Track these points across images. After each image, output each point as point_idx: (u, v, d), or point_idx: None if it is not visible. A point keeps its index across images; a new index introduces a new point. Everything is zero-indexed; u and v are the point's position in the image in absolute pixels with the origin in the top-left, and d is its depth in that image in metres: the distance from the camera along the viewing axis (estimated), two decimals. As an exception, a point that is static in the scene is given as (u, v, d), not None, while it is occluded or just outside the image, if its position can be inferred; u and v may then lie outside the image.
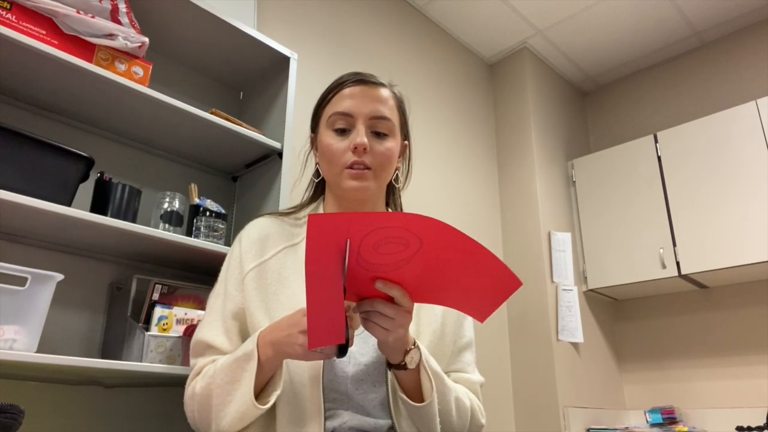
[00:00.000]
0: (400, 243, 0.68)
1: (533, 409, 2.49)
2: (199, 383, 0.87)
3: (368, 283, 0.74)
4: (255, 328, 0.89)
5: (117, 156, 1.50)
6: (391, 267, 0.72)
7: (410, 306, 0.76)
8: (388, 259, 0.70)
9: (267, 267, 0.94)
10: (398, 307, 0.75)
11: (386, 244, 0.68)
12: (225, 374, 0.82)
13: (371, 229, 0.66)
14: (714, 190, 2.47)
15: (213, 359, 0.89)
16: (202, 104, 1.68)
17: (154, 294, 1.29)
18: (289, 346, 0.77)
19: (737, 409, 2.49)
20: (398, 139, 0.99)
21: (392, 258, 0.70)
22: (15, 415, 0.50)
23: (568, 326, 2.59)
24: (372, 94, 0.97)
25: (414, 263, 0.71)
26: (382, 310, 0.74)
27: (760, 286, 2.58)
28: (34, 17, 1.18)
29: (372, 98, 0.96)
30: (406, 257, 0.70)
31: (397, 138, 0.99)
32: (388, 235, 0.67)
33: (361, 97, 0.96)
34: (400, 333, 0.77)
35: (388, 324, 0.75)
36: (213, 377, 0.84)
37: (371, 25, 2.52)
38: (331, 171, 0.96)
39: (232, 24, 1.55)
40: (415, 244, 0.69)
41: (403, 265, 0.71)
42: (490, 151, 3.01)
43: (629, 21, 2.87)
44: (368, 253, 0.69)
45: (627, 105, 3.28)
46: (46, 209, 1.09)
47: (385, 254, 0.70)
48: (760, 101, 2.44)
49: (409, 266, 0.72)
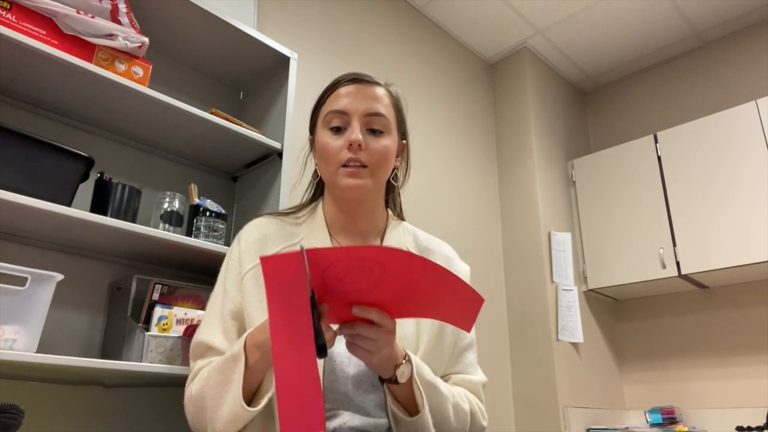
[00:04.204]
0: (361, 272, 0.67)
1: (533, 409, 2.49)
2: (195, 385, 0.87)
3: (346, 308, 0.73)
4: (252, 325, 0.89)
5: (117, 156, 1.50)
6: (363, 292, 0.71)
7: (391, 325, 0.75)
8: (356, 285, 0.69)
9: None
10: (379, 328, 0.74)
11: (348, 274, 0.67)
12: (217, 376, 0.82)
13: (325, 265, 0.65)
14: (714, 190, 2.47)
15: (210, 360, 0.89)
16: (202, 104, 1.68)
17: (154, 294, 1.29)
18: None
19: (737, 409, 2.49)
20: (395, 137, 0.99)
21: (360, 284, 0.69)
22: (15, 415, 0.50)
23: (568, 326, 2.59)
24: (367, 92, 0.97)
25: (384, 286, 0.70)
26: (363, 332, 0.74)
27: (760, 286, 2.58)
28: (34, 17, 1.18)
29: (367, 96, 0.96)
30: (373, 282, 0.69)
31: (394, 136, 0.99)
32: (347, 266, 0.66)
33: (356, 95, 0.96)
34: (384, 353, 0.77)
35: (370, 346, 0.75)
36: (207, 379, 0.84)
37: (371, 25, 2.52)
38: (327, 170, 0.96)
39: (232, 24, 1.55)
40: (378, 271, 0.68)
41: (374, 289, 0.71)
42: (490, 151, 3.01)
43: (629, 21, 2.87)
44: (334, 284, 0.68)
45: (627, 105, 3.28)
46: (46, 209, 1.09)
47: (351, 282, 0.69)
48: (760, 101, 2.44)
49: (380, 289, 0.71)
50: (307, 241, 0.97)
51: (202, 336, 0.92)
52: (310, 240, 0.97)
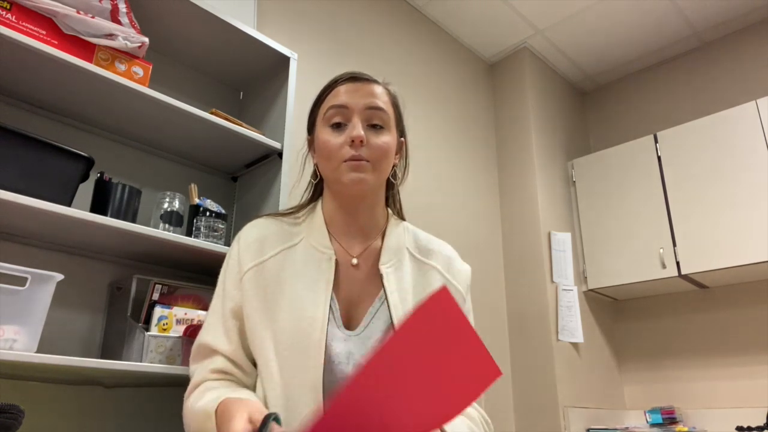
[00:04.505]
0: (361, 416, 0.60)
1: (533, 409, 2.49)
2: (188, 405, 0.87)
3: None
4: (252, 330, 0.89)
5: (117, 156, 1.50)
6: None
7: None
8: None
9: (265, 268, 0.93)
10: None
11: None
12: (196, 422, 0.82)
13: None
14: (714, 190, 2.47)
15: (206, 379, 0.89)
16: (202, 104, 1.68)
17: (154, 294, 1.29)
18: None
19: (737, 409, 2.49)
20: (394, 134, 0.99)
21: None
22: (15, 415, 0.50)
23: (568, 326, 2.59)
24: (366, 89, 0.97)
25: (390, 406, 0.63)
26: None
27: (760, 286, 2.58)
28: (34, 17, 1.18)
29: (366, 92, 0.96)
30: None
31: (393, 132, 0.99)
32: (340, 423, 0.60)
33: (356, 92, 0.96)
34: None
35: None
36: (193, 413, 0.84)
37: (371, 25, 2.52)
38: (329, 167, 0.95)
39: (232, 24, 1.55)
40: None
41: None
42: (490, 151, 3.01)
43: (629, 21, 2.87)
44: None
45: (627, 105, 3.28)
46: (46, 209, 1.09)
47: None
48: (760, 101, 2.44)
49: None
50: (307, 241, 0.97)
51: (205, 338, 0.92)
52: (310, 240, 0.97)
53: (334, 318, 0.89)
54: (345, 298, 0.93)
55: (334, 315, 0.89)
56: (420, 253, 1.02)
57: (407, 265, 0.98)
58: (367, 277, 0.95)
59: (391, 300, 0.91)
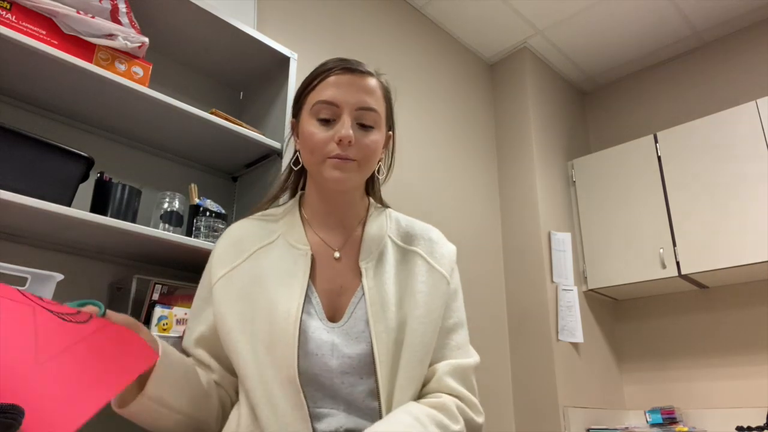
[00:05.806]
0: None
1: (533, 409, 2.49)
2: None
3: None
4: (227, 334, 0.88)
5: (117, 156, 1.50)
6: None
7: None
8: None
9: (239, 271, 0.93)
10: None
11: None
12: None
13: None
14: (714, 190, 2.47)
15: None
16: (202, 104, 1.68)
17: (154, 294, 1.29)
18: None
19: (737, 409, 2.49)
20: (383, 131, 0.97)
21: None
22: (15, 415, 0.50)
23: (568, 326, 2.59)
24: (359, 84, 0.93)
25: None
26: None
27: (760, 286, 2.58)
28: (34, 17, 1.18)
29: (359, 88, 0.93)
30: None
31: (383, 130, 0.97)
32: None
33: (348, 87, 0.92)
34: None
35: None
36: None
37: (371, 25, 2.52)
38: (312, 160, 0.93)
39: (232, 24, 1.55)
40: None
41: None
42: (490, 151, 3.01)
43: (629, 21, 2.87)
44: None
45: (627, 105, 3.28)
46: (46, 209, 1.09)
47: None
48: (760, 101, 2.44)
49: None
50: (284, 238, 0.96)
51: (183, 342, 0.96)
52: (287, 237, 0.96)
53: (315, 311, 0.88)
54: (326, 290, 0.92)
55: (315, 308, 0.89)
56: (402, 240, 1.01)
57: (389, 255, 0.97)
58: (350, 269, 0.94)
59: (369, 296, 0.90)
